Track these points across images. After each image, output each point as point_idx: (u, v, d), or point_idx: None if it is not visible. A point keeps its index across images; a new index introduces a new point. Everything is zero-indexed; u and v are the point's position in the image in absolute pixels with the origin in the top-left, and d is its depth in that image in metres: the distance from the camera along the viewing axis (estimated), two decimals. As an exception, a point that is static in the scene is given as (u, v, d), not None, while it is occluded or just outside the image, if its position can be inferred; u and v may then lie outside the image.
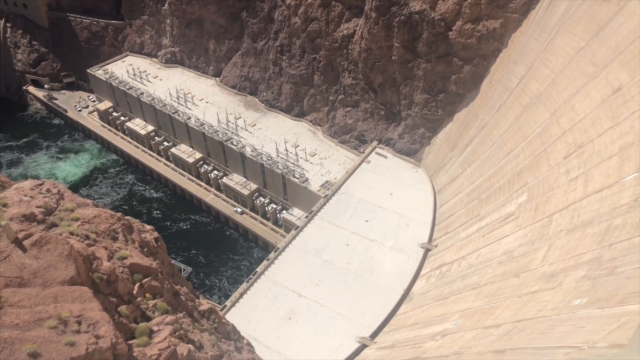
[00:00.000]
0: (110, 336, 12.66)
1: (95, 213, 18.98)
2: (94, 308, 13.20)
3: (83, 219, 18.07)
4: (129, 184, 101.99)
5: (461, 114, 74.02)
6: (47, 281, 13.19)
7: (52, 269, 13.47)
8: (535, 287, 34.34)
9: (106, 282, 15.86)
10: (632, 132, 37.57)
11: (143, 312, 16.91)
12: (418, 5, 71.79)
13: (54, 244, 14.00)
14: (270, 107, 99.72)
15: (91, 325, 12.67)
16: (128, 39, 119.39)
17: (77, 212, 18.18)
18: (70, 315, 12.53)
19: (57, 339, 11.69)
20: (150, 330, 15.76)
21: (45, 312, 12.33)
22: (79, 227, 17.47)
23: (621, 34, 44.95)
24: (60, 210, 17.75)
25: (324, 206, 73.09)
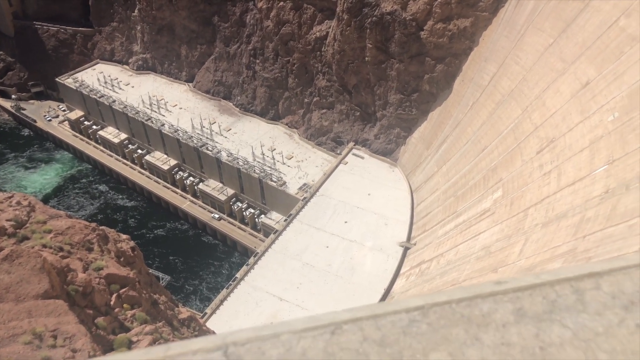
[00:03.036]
0: (87, 349, 12.36)
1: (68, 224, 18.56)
2: (70, 321, 12.87)
3: (56, 230, 17.65)
4: (103, 193, 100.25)
5: (435, 112, 74.79)
6: (20, 296, 12.82)
7: (24, 283, 13.10)
8: (514, 281, 34.77)
9: (82, 294, 15.50)
10: (601, 126, 38.44)
11: (121, 323, 16.58)
12: (389, 6, 72.32)
13: (26, 257, 13.62)
14: (245, 111, 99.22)
15: (67, 339, 12.35)
16: (98, 46, 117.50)
17: (49, 224, 17.75)
18: (46, 330, 12.20)
19: (32, 354, 11.36)
20: (129, 341, 15.45)
21: (19, 328, 11.97)
22: (52, 239, 17.05)
23: (587, 30, 45.99)
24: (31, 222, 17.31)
25: (303, 209, 72.98)
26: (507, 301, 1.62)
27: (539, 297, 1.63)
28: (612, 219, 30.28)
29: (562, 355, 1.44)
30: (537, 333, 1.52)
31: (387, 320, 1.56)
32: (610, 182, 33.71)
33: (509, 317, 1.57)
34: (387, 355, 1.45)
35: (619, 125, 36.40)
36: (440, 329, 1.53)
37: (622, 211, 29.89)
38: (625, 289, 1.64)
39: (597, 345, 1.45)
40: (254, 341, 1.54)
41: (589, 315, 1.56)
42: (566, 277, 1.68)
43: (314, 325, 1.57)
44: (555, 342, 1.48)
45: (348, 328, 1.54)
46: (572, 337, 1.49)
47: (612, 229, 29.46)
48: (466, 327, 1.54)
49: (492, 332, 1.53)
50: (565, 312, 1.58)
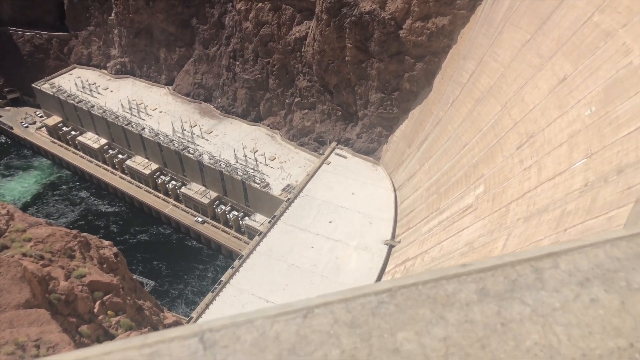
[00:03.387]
0: (72, 358, 12.15)
1: (49, 232, 18.26)
2: (53, 330, 12.66)
3: (36, 238, 17.34)
4: (83, 199, 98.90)
5: (416, 111, 75.25)
6: (0, 306, 12.57)
7: (5, 293, 12.84)
8: (498, 275, 35.15)
9: (64, 303, 15.25)
10: (578, 120, 39.04)
11: (106, 330, 16.36)
12: (368, 5, 72.58)
13: (5, 267, 13.35)
14: (226, 113, 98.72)
15: (50, 349, 12.13)
16: (74, 50, 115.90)
17: (29, 232, 17.43)
18: (28, 340, 11.97)
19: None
20: (114, 349, 15.23)
21: (1, 338, 11.74)
22: (32, 248, 16.75)
23: (563, 26, 46.68)
24: (10, 231, 16.98)
25: (287, 210, 72.86)
26: (470, 282, 1.69)
27: (501, 277, 1.70)
28: (592, 212, 30.76)
29: (522, 330, 1.51)
30: (499, 310, 1.59)
31: (357, 303, 1.62)
32: (589, 175, 34.25)
33: (472, 297, 1.64)
34: (356, 336, 1.51)
35: (596, 119, 37.00)
36: (407, 310, 1.59)
37: (601, 204, 30.37)
38: (581, 266, 1.71)
39: (554, 319, 1.53)
40: (229, 327, 1.57)
41: (547, 292, 1.63)
42: (526, 258, 1.75)
43: (287, 310, 1.61)
44: (516, 319, 1.56)
45: (320, 312, 1.59)
46: (531, 313, 1.56)
47: (592, 221, 29.92)
48: (432, 307, 1.60)
49: (457, 311, 1.59)
50: (525, 290, 1.64)
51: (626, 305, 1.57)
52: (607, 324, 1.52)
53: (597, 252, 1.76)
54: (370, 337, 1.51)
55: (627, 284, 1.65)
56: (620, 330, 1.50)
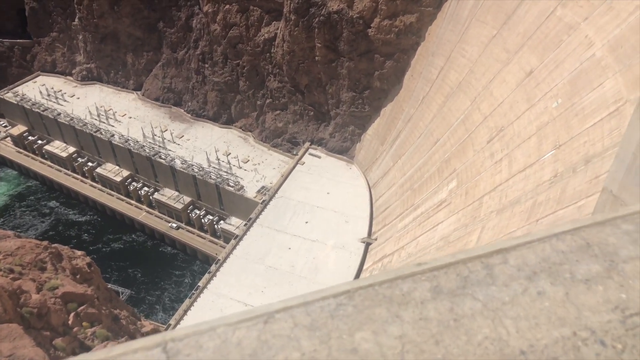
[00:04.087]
0: (47, 373, 11.84)
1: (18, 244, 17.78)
2: (26, 345, 12.31)
3: (5, 251, 16.86)
4: (53, 209, 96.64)
5: (387, 108, 75.80)
6: (-31, 323, 12.15)
7: (-26, 309, 12.43)
8: (473, 268, 35.64)
9: (37, 316, 14.85)
10: (546, 113, 39.87)
11: (81, 342, 16.00)
12: (336, 5, 72.78)
13: (-27, 281, 12.94)
14: (197, 116, 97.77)
15: (24, 364, 11.79)
16: (38, 58, 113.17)
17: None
18: (1, 355, 11.63)
19: (-13, 383, 10.79)
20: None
21: (-30, 357, 11.36)
22: (2, 261, 16.27)
23: (527, 21, 47.63)
24: (-23, 245, 16.47)
25: (263, 212, 72.55)
26: (424, 280, 1.75)
27: (454, 274, 1.76)
28: (562, 202, 31.44)
29: (473, 324, 1.58)
30: (452, 307, 1.65)
31: (316, 306, 1.66)
32: (558, 166, 35.01)
33: (426, 295, 1.69)
34: (316, 338, 1.55)
35: (563, 111, 37.85)
36: (364, 310, 1.64)
37: (571, 193, 31.07)
38: (529, 261, 1.78)
39: (503, 313, 1.60)
40: (191, 335, 1.58)
41: (497, 287, 1.70)
42: (477, 255, 1.82)
43: (248, 317, 1.64)
44: (468, 314, 1.61)
45: (280, 316, 1.62)
46: (482, 308, 1.63)
47: (562, 211, 30.59)
48: (388, 306, 1.65)
49: (412, 309, 1.64)
50: (477, 286, 1.71)
51: (570, 296, 1.65)
52: (553, 314, 1.60)
53: (544, 247, 1.83)
54: (329, 338, 1.56)
55: (571, 275, 1.72)
56: (565, 320, 1.58)
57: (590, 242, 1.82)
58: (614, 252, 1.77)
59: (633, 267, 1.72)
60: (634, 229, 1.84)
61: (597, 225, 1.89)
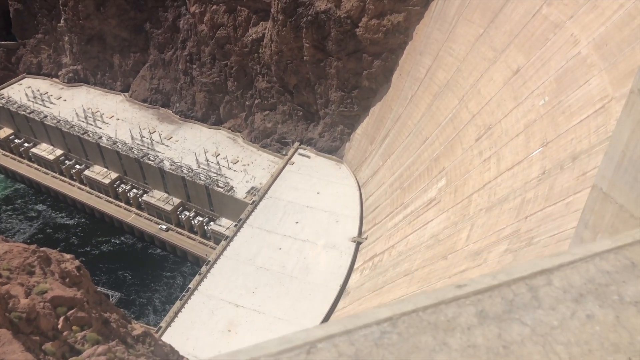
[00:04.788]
0: (37, 378, 11.74)
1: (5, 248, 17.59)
2: (16, 350, 12.19)
3: (-8, 256, 16.68)
4: (41, 213, 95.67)
5: (376, 108, 75.97)
6: (-43, 329, 12.02)
7: (-39, 314, 12.29)
8: (463, 266, 35.87)
9: (26, 321, 14.71)
10: (533, 110, 40.19)
11: (72, 347, 15.87)
12: (323, 4, 72.79)
13: (-40, 287, 12.80)
14: (186, 117, 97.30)
15: (14, 369, 11.68)
16: (23, 60, 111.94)
17: (-16, 250, 16.75)
18: (-11, 362, 11.50)
19: (-25, 390, 10.68)
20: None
21: (-42, 363, 11.23)
22: (-11, 266, 16.09)
23: (514, 20, 47.97)
24: (-36, 249, 16.29)
25: (253, 213, 72.38)
26: (469, 304, 1.68)
27: (498, 297, 1.70)
28: (550, 199, 31.72)
29: (524, 351, 1.50)
30: (500, 333, 1.58)
31: (359, 335, 1.58)
32: (545, 163, 35.31)
33: (472, 320, 1.63)
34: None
35: (550, 108, 38.18)
36: (410, 338, 1.57)
37: (558, 190, 31.35)
38: (574, 282, 1.72)
39: (553, 338, 1.53)
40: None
41: (544, 311, 1.64)
42: (520, 277, 1.75)
43: (289, 347, 1.56)
44: (517, 340, 1.55)
45: (322, 346, 1.55)
46: (531, 333, 1.56)
47: (551, 208, 30.86)
48: (434, 333, 1.58)
49: (459, 335, 1.58)
50: (523, 310, 1.64)
51: (621, 319, 1.59)
52: (605, 340, 1.53)
53: (587, 267, 1.77)
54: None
55: (619, 297, 1.66)
56: (618, 345, 1.51)
57: (635, 262, 1.77)
58: None
59: None
60: None
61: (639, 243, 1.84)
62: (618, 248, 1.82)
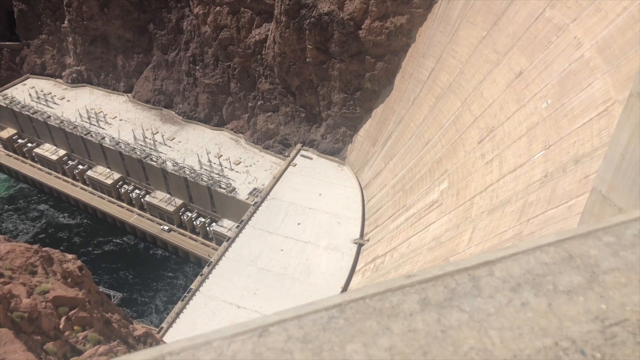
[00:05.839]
0: (38, 377, 11.77)
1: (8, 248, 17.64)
2: (17, 349, 12.22)
3: (-5, 255, 16.72)
4: (43, 213, 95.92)
5: (378, 110, 75.97)
6: (-41, 328, 12.06)
7: (-37, 314, 12.33)
8: (465, 268, 35.77)
9: (28, 320, 14.75)
10: (536, 113, 40.14)
11: (73, 346, 15.90)
12: (326, 6, 72.87)
13: (-37, 286, 12.84)
14: (188, 118, 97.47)
15: (15, 369, 11.70)
16: (27, 60, 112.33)
17: (-13, 249, 16.80)
18: (-9, 361, 11.53)
19: (-23, 389, 10.71)
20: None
21: (-40, 362, 11.26)
22: (-9, 265, 16.14)
23: (517, 22, 47.94)
24: (-33, 249, 16.34)
25: (255, 214, 72.41)
26: (413, 292, 1.80)
27: (441, 286, 1.81)
28: (552, 202, 31.67)
29: (460, 335, 1.62)
30: (439, 318, 1.69)
31: (309, 319, 1.70)
32: (548, 166, 35.26)
33: (415, 307, 1.74)
34: (309, 351, 1.60)
35: (552, 111, 38.13)
36: (355, 323, 1.69)
37: (561, 193, 31.31)
38: (513, 273, 1.84)
39: (488, 324, 1.65)
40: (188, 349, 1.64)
41: (483, 299, 1.75)
42: (465, 267, 1.87)
43: (243, 330, 1.71)
44: (454, 325, 1.66)
45: (274, 329, 1.68)
46: (468, 319, 1.67)
47: (553, 210, 30.81)
48: (378, 318, 1.70)
49: (401, 321, 1.69)
50: (463, 298, 1.76)
51: (552, 307, 1.71)
52: (535, 325, 1.65)
53: (528, 259, 1.88)
54: (322, 350, 1.60)
55: (554, 287, 1.78)
56: (547, 330, 1.63)
57: (573, 254, 1.89)
58: (595, 264, 1.84)
59: (613, 279, 1.77)
60: (615, 241, 1.90)
61: (579, 237, 1.95)
62: (559, 241, 1.94)
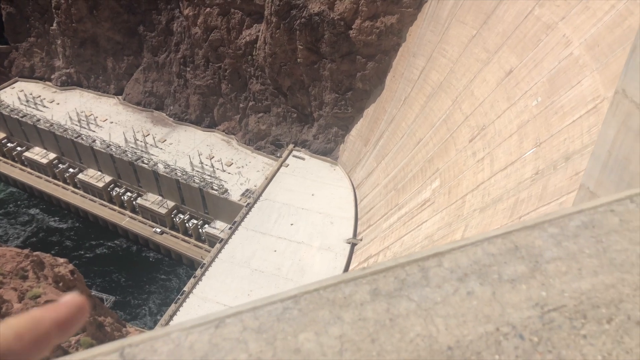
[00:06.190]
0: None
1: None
2: (9, 355, 12.11)
3: (-15, 260, 16.58)
4: (34, 217, 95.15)
5: (370, 109, 76.08)
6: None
7: (-46, 320, 12.20)
8: (458, 266, 35.93)
9: (20, 325, 14.62)
10: (526, 111, 40.38)
11: (66, 351, 15.79)
12: (317, 6, 72.87)
13: (-47, 292, 12.71)
14: (179, 120, 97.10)
15: (7, 374, 11.60)
16: (15, 63, 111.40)
17: (-23, 254, 16.65)
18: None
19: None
20: (75, 369, 14.73)
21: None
22: (-18, 270, 16.00)
23: (506, 21, 48.20)
24: (-44, 254, 16.18)
25: (247, 215, 72.27)
26: (365, 283, 1.85)
27: (392, 277, 1.87)
28: (543, 199, 31.87)
29: (407, 323, 1.67)
30: (388, 308, 1.74)
31: (264, 311, 1.76)
32: (539, 163, 35.48)
33: (366, 297, 1.79)
34: (262, 340, 1.65)
35: (543, 109, 38.37)
36: (309, 313, 1.74)
37: (552, 190, 31.51)
38: (461, 263, 1.89)
39: (435, 312, 1.70)
40: (147, 341, 1.69)
41: (430, 289, 1.80)
42: (415, 259, 1.93)
43: (201, 322, 1.75)
44: (402, 314, 1.72)
45: (230, 321, 1.73)
46: (416, 308, 1.73)
47: (544, 207, 31.01)
48: (331, 308, 1.76)
49: (352, 310, 1.74)
50: (412, 288, 1.81)
51: (496, 295, 1.76)
52: (479, 312, 1.71)
53: (476, 250, 1.94)
54: (275, 340, 1.65)
55: (498, 276, 1.83)
56: (490, 317, 1.69)
57: (519, 245, 1.95)
58: (539, 254, 1.90)
59: (555, 267, 1.84)
60: (559, 232, 1.98)
61: (526, 229, 2.02)
62: (507, 233, 2.01)
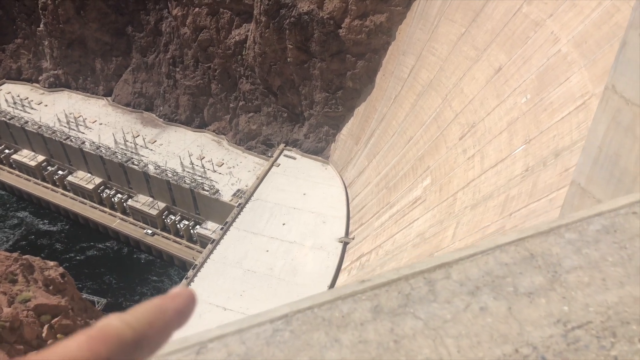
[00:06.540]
0: (21, 387, 11.54)
1: (-13, 257, 17.31)
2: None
3: (-27, 265, 16.40)
4: (23, 220, 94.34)
5: (360, 108, 76.16)
6: (-62, 340, 11.79)
7: (-58, 325, 12.06)
8: (450, 263, 36.04)
9: (10, 330, 14.48)
10: (515, 108, 40.60)
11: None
12: (306, 6, 72.79)
13: (-59, 297, 12.56)
14: (169, 121, 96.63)
15: (-3, 380, 11.49)
16: (2, 65, 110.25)
17: (-35, 259, 16.47)
18: (-29, 373, 11.30)
19: (-42, 401, 10.48)
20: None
21: (-60, 375, 11.02)
22: (-30, 275, 15.82)
23: (495, 18, 48.42)
24: (-56, 259, 15.99)
25: (239, 215, 72.09)
26: (365, 299, 1.67)
27: (395, 292, 1.70)
28: (534, 195, 32.05)
29: (414, 345, 1.50)
30: (392, 327, 1.57)
31: (251, 333, 1.56)
32: (529, 160, 35.69)
33: (366, 315, 1.61)
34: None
35: (532, 106, 38.59)
36: (302, 335, 1.56)
37: (542, 187, 31.70)
38: (471, 275, 1.72)
39: (445, 331, 1.53)
40: None
41: (439, 304, 1.63)
42: (420, 270, 1.76)
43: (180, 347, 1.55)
44: (408, 334, 1.54)
45: (213, 346, 1.53)
46: (423, 327, 1.56)
47: (534, 204, 31.18)
48: (327, 329, 1.57)
49: (351, 331, 1.56)
50: (418, 304, 1.64)
51: (513, 311, 1.60)
52: (495, 331, 1.54)
53: (487, 259, 1.78)
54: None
55: (514, 289, 1.67)
56: (507, 336, 1.52)
57: (534, 253, 1.79)
58: (557, 263, 1.75)
59: (576, 278, 1.68)
60: (577, 238, 1.82)
61: (540, 235, 1.86)
62: (520, 240, 1.84)
